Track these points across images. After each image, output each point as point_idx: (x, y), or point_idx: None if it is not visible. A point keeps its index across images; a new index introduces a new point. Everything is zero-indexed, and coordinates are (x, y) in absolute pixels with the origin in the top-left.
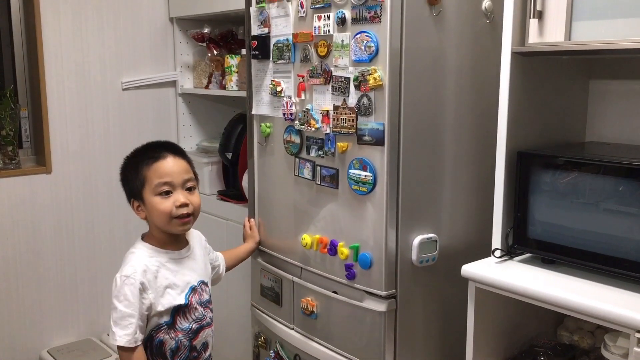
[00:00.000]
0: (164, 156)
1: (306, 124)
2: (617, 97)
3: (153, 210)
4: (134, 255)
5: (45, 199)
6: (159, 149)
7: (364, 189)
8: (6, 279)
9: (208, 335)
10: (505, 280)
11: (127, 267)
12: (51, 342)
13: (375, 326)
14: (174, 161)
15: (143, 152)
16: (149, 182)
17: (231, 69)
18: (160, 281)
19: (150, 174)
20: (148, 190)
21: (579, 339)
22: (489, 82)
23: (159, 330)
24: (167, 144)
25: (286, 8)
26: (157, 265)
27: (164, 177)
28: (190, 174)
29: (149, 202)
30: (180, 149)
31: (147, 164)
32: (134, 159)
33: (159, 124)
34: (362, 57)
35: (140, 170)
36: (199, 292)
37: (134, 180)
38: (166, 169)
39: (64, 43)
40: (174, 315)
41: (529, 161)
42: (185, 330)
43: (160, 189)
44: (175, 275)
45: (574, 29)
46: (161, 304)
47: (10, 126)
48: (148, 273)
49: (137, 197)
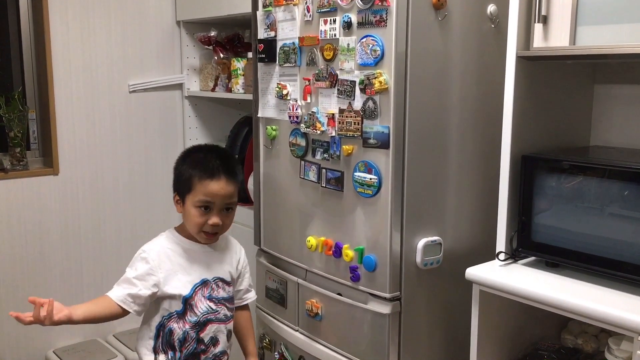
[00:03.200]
0: (219, 177)
1: (312, 126)
2: (622, 102)
3: (188, 216)
4: (159, 238)
5: (52, 200)
6: (218, 163)
7: (369, 191)
8: (13, 279)
9: (219, 332)
10: (509, 284)
11: (148, 244)
12: (57, 342)
13: (379, 328)
14: (225, 184)
15: (204, 156)
16: (195, 193)
17: (237, 72)
18: (174, 265)
19: (199, 186)
20: (191, 198)
21: (583, 343)
22: (493, 86)
23: (170, 318)
24: (227, 160)
25: (292, 12)
26: (175, 250)
27: (209, 197)
28: (234, 199)
29: (187, 208)
30: (237, 169)
31: (201, 176)
32: (193, 157)
33: (165, 127)
34: (368, 61)
35: (192, 176)
36: (212, 287)
37: (184, 180)
38: (214, 190)
39: (71, 46)
40: (185, 306)
41: (533, 165)
42: (192, 322)
43: (201, 204)
44: (191, 263)
45: (579, 34)
46: (170, 285)
47: (19, 128)
48: (162, 254)
49: (181, 195)
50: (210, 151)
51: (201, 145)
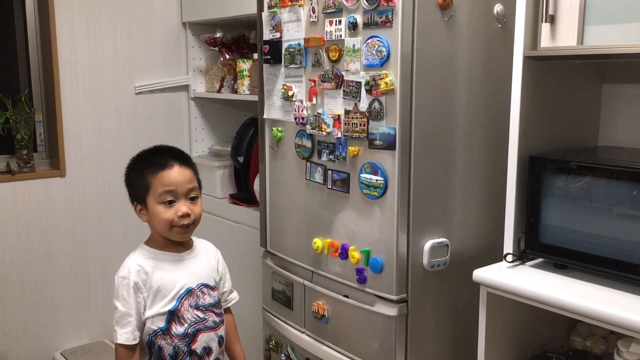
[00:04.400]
0: (170, 165)
1: (317, 128)
2: (630, 101)
3: (155, 217)
4: (131, 257)
5: (59, 202)
6: (165, 155)
7: (375, 193)
8: (20, 281)
9: (211, 339)
10: (517, 285)
11: (124, 268)
12: (64, 344)
13: (386, 330)
14: (179, 170)
15: (149, 156)
16: (154, 189)
17: (243, 73)
18: (155, 281)
19: (155, 182)
20: (152, 197)
21: (592, 345)
22: (500, 86)
23: (156, 335)
24: (173, 150)
25: (298, 13)
26: (153, 266)
27: (169, 186)
28: (194, 183)
29: (151, 209)
30: (187, 156)
31: (153, 171)
32: (139, 162)
33: (171, 128)
34: (374, 62)
35: (145, 176)
36: (197, 295)
37: (139, 184)
38: (171, 178)
39: (77, 48)
40: (168, 321)
41: (541, 165)
42: (180, 335)
43: (164, 197)
44: (171, 275)
45: (587, 33)
46: (151, 308)
47: (25, 130)
48: (142, 273)
49: (140, 201)
50: (154, 150)
51: (140, 153)
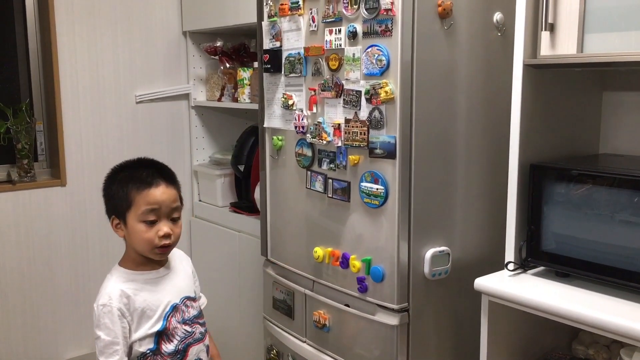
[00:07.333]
0: (157, 183)
1: (318, 137)
2: (631, 109)
3: (135, 235)
4: (109, 282)
5: (59, 211)
6: (151, 171)
7: (376, 202)
8: (21, 291)
9: (200, 351)
10: (519, 294)
11: (103, 296)
12: (65, 353)
13: (387, 340)
14: (165, 189)
15: (133, 170)
16: (136, 206)
17: (243, 81)
18: (139, 304)
19: (139, 199)
20: (133, 214)
21: (595, 353)
22: (500, 95)
23: (145, 357)
24: (159, 166)
25: (298, 22)
26: (134, 288)
27: (153, 205)
28: (178, 203)
29: (131, 226)
30: (172, 174)
31: (138, 188)
32: (122, 175)
33: (172, 137)
34: (374, 71)
35: (128, 191)
36: (182, 310)
37: (120, 199)
38: (157, 197)
39: (78, 57)
40: (157, 341)
41: (542, 174)
42: (171, 353)
43: (146, 217)
44: (154, 295)
45: (586, 41)
46: (137, 331)
47: (26, 139)
48: (124, 297)
49: (120, 216)
50: (138, 164)
51: (123, 164)
